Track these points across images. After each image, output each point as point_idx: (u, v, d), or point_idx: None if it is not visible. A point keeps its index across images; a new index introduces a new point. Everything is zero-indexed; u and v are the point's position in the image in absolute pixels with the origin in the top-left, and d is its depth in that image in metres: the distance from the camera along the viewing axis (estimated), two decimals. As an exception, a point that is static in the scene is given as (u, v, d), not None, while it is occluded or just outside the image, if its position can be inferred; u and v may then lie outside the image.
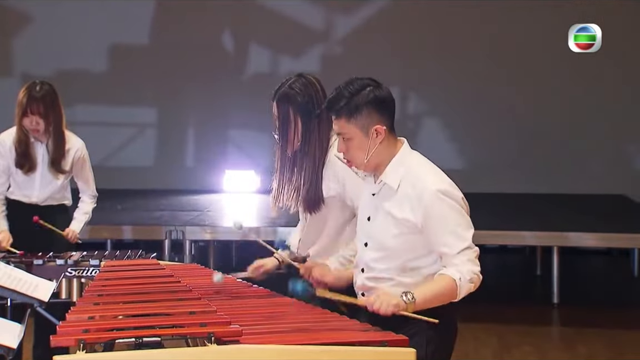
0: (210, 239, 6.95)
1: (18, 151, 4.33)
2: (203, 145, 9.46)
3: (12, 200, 4.39)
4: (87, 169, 4.50)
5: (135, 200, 8.17)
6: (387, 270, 2.57)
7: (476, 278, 2.50)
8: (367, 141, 2.54)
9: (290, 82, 3.01)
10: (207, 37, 9.32)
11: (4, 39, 9.17)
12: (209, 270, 3.45)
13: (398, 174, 2.56)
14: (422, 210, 2.50)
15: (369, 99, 2.54)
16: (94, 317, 2.41)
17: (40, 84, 4.31)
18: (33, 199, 4.38)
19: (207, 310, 2.45)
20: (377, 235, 2.59)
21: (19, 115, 4.28)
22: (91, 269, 3.79)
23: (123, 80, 9.23)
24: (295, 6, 9.20)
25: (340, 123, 2.57)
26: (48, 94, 4.28)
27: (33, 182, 4.37)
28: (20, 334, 2.46)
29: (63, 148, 4.37)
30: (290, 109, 2.97)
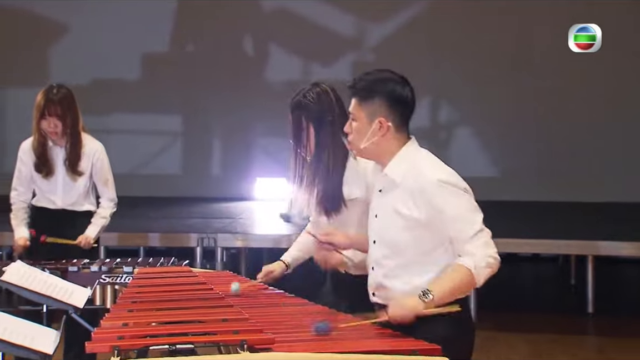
0: (242, 246, 6.97)
1: (36, 154, 4.37)
2: (235, 153, 9.50)
3: (38, 207, 4.43)
4: (106, 171, 4.50)
5: (168, 208, 8.22)
6: (397, 267, 2.56)
7: (493, 262, 2.47)
8: (368, 129, 2.56)
9: (304, 91, 3.09)
10: (239, 45, 9.38)
11: (41, 49, 9.30)
12: (241, 277, 3.46)
13: (401, 168, 2.56)
14: (426, 202, 2.49)
15: (386, 90, 2.57)
16: (128, 323, 2.43)
17: (57, 87, 4.35)
18: (58, 204, 4.40)
19: (240, 317, 2.46)
20: (384, 232, 2.59)
21: (37, 118, 4.32)
22: (124, 276, 3.82)
23: (155, 89, 9.32)
24: (326, 14, 9.23)
25: (354, 103, 2.62)
26: (65, 96, 4.32)
27: (55, 187, 4.39)
28: (57, 340, 2.49)
29: (79, 150, 4.39)
30: (303, 116, 3.05)
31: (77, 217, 4.41)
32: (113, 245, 6.74)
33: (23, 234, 4.35)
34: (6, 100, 9.51)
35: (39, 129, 4.33)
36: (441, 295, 2.42)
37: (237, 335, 2.25)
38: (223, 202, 8.62)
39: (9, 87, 9.43)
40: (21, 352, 2.38)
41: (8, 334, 2.38)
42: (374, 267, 2.64)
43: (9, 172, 9.92)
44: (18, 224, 4.37)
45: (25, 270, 3.16)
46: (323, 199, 3.00)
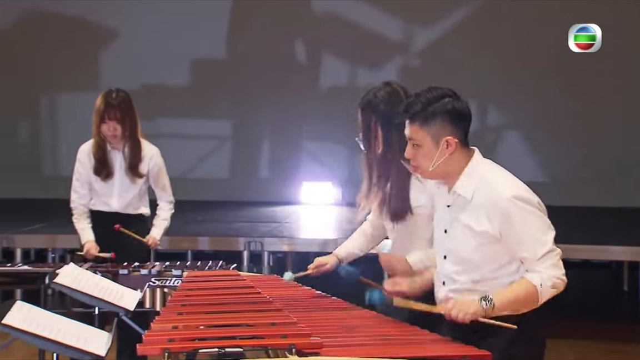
0: (288, 251, 6.99)
1: (96, 157, 4.42)
2: (281, 157, 9.55)
3: (93, 211, 4.49)
4: (163, 175, 4.57)
5: (215, 212, 8.29)
6: (469, 283, 2.54)
7: (559, 283, 2.46)
8: (436, 150, 2.53)
9: (375, 91, 3.03)
10: (285, 50, 9.42)
11: (92, 54, 9.47)
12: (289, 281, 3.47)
13: (471, 184, 2.53)
14: (499, 218, 2.46)
15: (446, 109, 2.53)
16: (177, 326, 2.45)
17: (116, 91, 4.42)
18: (113, 207, 4.46)
19: (288, 321, 2.47)
20: (456, 248, 2.57)
21: (97, 122, 4.39)
22: (174, 279, 3.86)
23: (202, 94, 9.41)
24: (375, 18, 9.22)
25: (413, 128, 2.56)
26: (124, 100, 4.39)
27: (112, 189, 4.45)
28: (109, 342, 2.53)
29: (139, 153, 4.45)
30: (373, 116, 2.98)
31: (131, 220, 4.47)
32: (162, 248, 6.83)
33: (90, 237, 4.39)
34: (58, 104, 9.70)
35: (99, 132, 4.40)
36: (502, 304, 2.41)
37: (285, 340, 2.25)
38: (269, 206, 8.66)
39: (61, 92, 9.61)
40: (74, 353, 2.42)
41: (62, 336, 2.43)
42: (445, 282, 2.62)
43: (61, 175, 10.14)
44: (83, 227, 4.43)
45: (78, 273, 3.21)
46: (390, 203, 2.95)
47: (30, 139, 9.71)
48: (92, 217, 4.48)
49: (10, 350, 4.20)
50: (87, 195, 4.48)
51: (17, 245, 6.54)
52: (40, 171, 9.62)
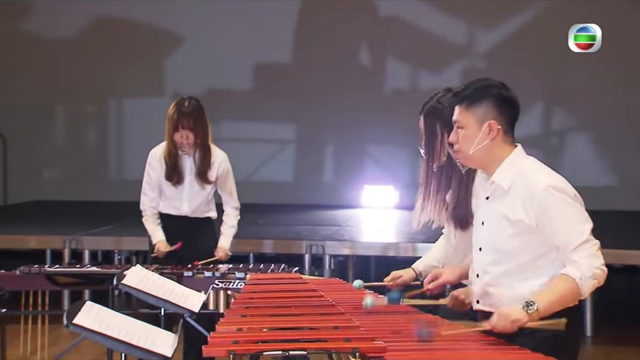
0: (349, 254, 6.99)
1: (168, 164, 4.48)
2: (342, 160, 9.57)
3: (163, 214, 4.56)
4: (231, 180, 4.62)
5: (276, 215, 8.35)
6: (504, 274, 2.53)
7: (599, 273, 2.43)
8: (478, 133, 2.55)
9: (438, 97, 3.00)
10: (347, 54, 9.44)
11: (158, 60, 9.65)
12: (351, 285, 3.47)
13: (510, 175, 2.54)
14: (535, 207, 2.47)
15: (493, 93, 2.57)
16: (242, 328, 2.47)
17: (188, 99, 4.48)
18: (182, 211, 4.52)
19: (351, 325, 2.47)
20: (492, 238, 2.57)
21: (170, 130, 4.45)
22: (237, 282, 3.90)
23: (266, 98, 9.49)
24: (437, 21, 9.17)
25: (460, 110, 2.60)
26: (196, 108, 4.44)
27: (182, 194, 4.51)
28: (175, 344, 2.57)
29: (209, 160, 4.50)
30: (438, 123, 2.96)
31: (199, 224, 4.54)
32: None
33: (161, 238, 4.47)
34: (125, 109, 9.91)
35: (171, 140, 4.46)
36: (545, 306, 2.38)
37: (349, 343, 2.26)
38: (331, 209, 8.68)
39: (128, 97, 9.82)
40: (141, 354, 2.46)
41: (129, 336, 2.47)
42: (478, 275, 2.62)
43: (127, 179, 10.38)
44: (154, 229, 4.50)
45: (144, 275, 3.27)
46: (453, 210, 2.93)
47: (97, 144, 9.93)
48: (162, 220, 4.55)
49: (79, 350, 4.32)
50: (157, 198, 4.54)
51: (85, 247, 6.69)
52: (106, 174, 9.84)
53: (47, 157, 9.75)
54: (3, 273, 3.98)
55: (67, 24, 9.55)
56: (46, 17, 9.55)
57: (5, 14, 9.58)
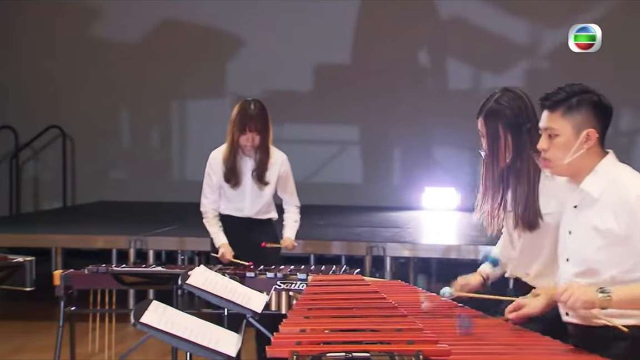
0: (410, 256, 6.96)
1: (227, 166, 4.52)
2: (403, 162, 9.53)
3: (224, 215, 4.59)
4: (291, 181, 4.64)
5: (338, 217, 8.36)
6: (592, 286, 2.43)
7: None
8: (574, 142, 2.46)
9: (496, 97, 2.92)
10: (408, 54, 9.40)
11: (220, 62, 9.76)
12: (413, 287, 3.46)
13: (600, 182, 2.46)
14: (626, 216, 2.38)
15: (592, 100, 2.48)
16: (305, 330, 2.48)
17: (252, 101, 4.51)
18: (245, 212, 4.56)
19: (414, 327, 2.45)
20: (579, 249, 2.49)
21: (235, 132, 4.48)
22: (299, 283, 3.92)
23: (327, 99, 9.51)
24: (500, 21, 9.06)
25: (553, 117, 2.49)
26: (261, 111, 4.48)
27: (244, 196, 4.54)
28: (239, 344, 2.59)
29: (267, 162, 4.53)
30: (500, 124, 2.88)
31: (261, 225, 4.57)
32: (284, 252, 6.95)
33: (224, 241, 4.50)
34: (186, 111, 10.05)
35: (235, 142, 4.49)
36: (620, 298, 2.31)
37: (412, 346, 2.24)
38: (391, 211, 8.66)
39: (190, 99, 9.96)
40: (206, 353, 2.50)
41: (194, 335, 2.51)
42: None
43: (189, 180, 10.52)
44: (216, 231, 4.54)
45: (208, 275, 3.32)
46: (521, 211, 2.85)
47: (161, 145, 10.10)
48: (223, 221, 4.59)
49: (144, 348, 4.41)
50: (218, 201, 4.58)
51: (150, 247, 6.81)
52: (169, 176, 10.00)
53: (112, 158, 9.96)
54: (72, 272, 4.07)
55: (132, 28, 9.73)
56: (112, 21, 9.75)
57: (73, 19, 9.82)
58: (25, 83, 9.78)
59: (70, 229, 7.49)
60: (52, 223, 8.22)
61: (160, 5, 9.63)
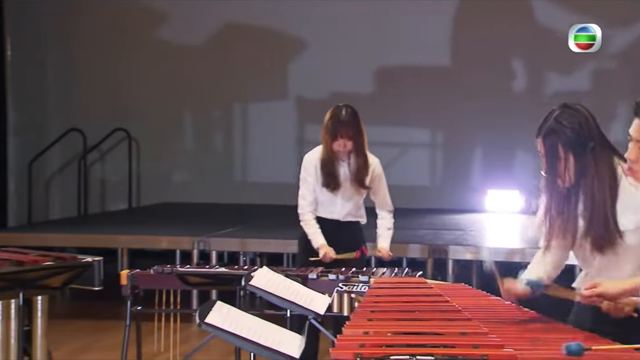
0: (473, 259, 6.88)
1: (324, 171, 4.53)
2: (466, 164, 9.44)
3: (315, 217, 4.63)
4: (383, 185, 4.65)
5: (399, 219, 8.30)
6: None
7: None
8: None
9: (555, 115, 2.77)
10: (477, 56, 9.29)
11: (282, 64, 9.82)
12: (476, 290, 3.42)
13: None
14: None
15: None
16: (368, 332, 2.48)
17: (344, 107, 4.51)
18: (334, 215, 4.58)
19: (479, 331, 2.42)
20: None
21: (328, 139, 4.49)
22: (360, 285, 3.92)
23: (389, 101, 9.48)
24: (566, 20, 8.89)
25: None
26: (353, 117, 4.49)
27: (336, 200, 4.57)
28: (302, 345, 2.60)
29: (366, 166, 4.55)
30: (560, 144, 2.74)
31: (349, 227, 4.59)
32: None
33: (323, 241, 4.52)
34: (249, 113, 10.13)
35: (329, 148, 4.50)
36: None
37: (477, 350, 2.21)
38: (454, 213, 8.58)
39: (252, 102, 10.04)
40: (269, 354, 2.51)
41: (258, 336, 2.53)
42: None
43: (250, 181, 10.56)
44: (315, 232, 4.56)
45: (270, 276, 3.33)
46: (592, 231, 2.73)
47: (223, 146, 10.21)
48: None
49: (208, 348, 4.47)
50: (315, 202, 4.60)
51: (212, 248, 6.89)
52: (231, 177, 10.10)
53: (176, 160, 10.11)
54: (138, 272, 4.14)
55: (196, 31, 9.87)
56: (177, 24, 9.90)
57: (139, 22, 10.01)
58: (93, 87, 10.01)
59: (135, 230, 7.63)
60: (118, 224, 8.39)
61: (224, 9, 9.74)
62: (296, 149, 9.01)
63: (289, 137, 9.05)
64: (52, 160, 10.07)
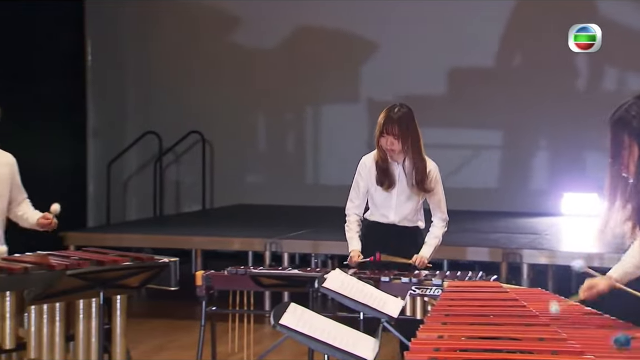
0: (548, 263, 6.75)
1: (378, 169, 4.51)
2: (541, 166, 9.27)
3: (371, 221, 4.59)
4: (439, 191, 4.56)
5: (472, 222, 8.22)
6: None
7: None
8: None
9: (627, 105, 2.78)
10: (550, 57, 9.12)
11: (353, 67, 9.82)
12: (553, 295, 3.34)
13: None
14: None
15: None
16: (443, 336, 2.46)
17: (399, 106, 4.49)
18: (390, 219, 4.53)
19: (558, 337, 2.38)
20: None
21: (377, 135, 4.49)
22: (434, 288, 3.89)
23: (462, 103, 9.38)
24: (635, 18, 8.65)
25: None
26: (404, 115, 4.44)
27: (390, 202, 4.51)
28: (376, 348, 2.59)
29: (423, 170, 4.47)
30: (625, 133, 2.74)
31: (407, 233, 4.53)
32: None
33: (356, 247, 4.50)
34: (321, 116, 10.17)
35: (377, 144, 4.51)
36: None
37: (555, 356, 2.17)
38: (529, 217, 8.43)
39: (324, 104, 10.07)
40: (344, 356, 2.50)
41: (332, 338, 2.53)
42: None
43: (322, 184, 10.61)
44: (352, 237, 4.55)
45: (344, 278, 3.33)
46: None
47: (295, 150, 10.27)
48: (370, 228, 4.57)
49: (280, 350, 4.50)
50: (362, 205, 4.58)
51: (284, 250, 6.94)
52: (303, 180, 10.15)
53: (249, 162, 10.22)
54: (213, 273, 4.19)
55: (269, 34, 9.96)
56: (250, 27, 10.01)
57: (214, 25, 10.15)
58: (168, 90, 10.20)
59: (209, 231, 7.75)
60: (192, 225, 8.53)
61: (296, 12, 9.81)
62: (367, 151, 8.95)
63: (360, 139, 9.03)
64: (129, 162, 10.32)
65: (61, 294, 3.61)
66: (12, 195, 4.24)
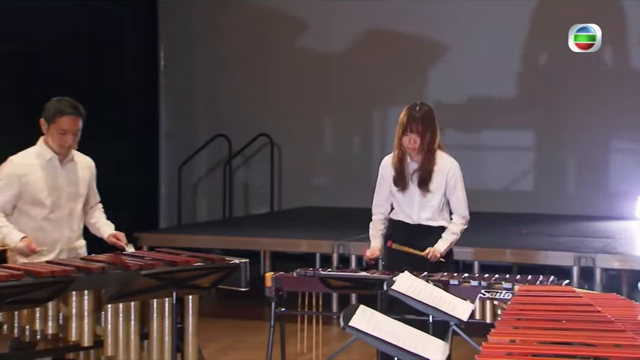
0: (622, 268, 6.59)
1: (395, 169, 4.53)
2: (614, 169, 9.06)
3: (395, 220, 4.59)
4: (459, 189, 4.51)
5: (542, 226, 8.09)
6: None
7: None
8: None
9: None
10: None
11: (420, 69, 9.77)
12: (629, 301, 3.27)
13: None
14: None
15: None
16: (514, 340, 2.43)
17: (420, 104, 4.51)
18: (414, 219, 4.52)
19: (635, 344, 2.32)
20: None
21: (399, 133, 4.49)
22: (504, 292, 3.84)
23: (527, 105, 9.23)
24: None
25: None
26: (426, 113, 4.45)
27: (412, 201, 4.51)
28: (445, 352, 2.58)
29: (431, 167, 4.46)
30: None
31: (431, 232, 4.49)
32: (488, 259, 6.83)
33: (375, 244, 4.57)
34: (387, 119, 10.13)
35: (400, 144, 4.51)
36: None
37: (632, 363, 2.13)
38: (602, 220, 8.25)
39: (391, 107, 10.03)
40: (413, 359, 2.51)
41: (401, 341, 2.53)
42: None
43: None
44: (374, 235, 4.61)
45: (412, 281, 3.33)
46: None
47: (362, 152, 10.27)
48: (396, 227, 4.58)
49: (349, 351, 4.51)
50: (385, 205, 4.61)
51: (352, 252, 6.94)
52: (369, 182, 10.13)
53: (316, 165, 10.27)
54: (282, 275, 4.23)
55: (336, 37, 9.99)
56: (318, 31, 10.06)
57: (281, 29, 10.24)
58: (238, 94, 10.33)
59: (277, 233, 7.81)
60: (261, 227, 8.61)
61: (363, 15, 9.81)
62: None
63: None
64: (199, 165, 10.48)
65: (136, 293, 3.69)
66: (87, 198, 4.38)
